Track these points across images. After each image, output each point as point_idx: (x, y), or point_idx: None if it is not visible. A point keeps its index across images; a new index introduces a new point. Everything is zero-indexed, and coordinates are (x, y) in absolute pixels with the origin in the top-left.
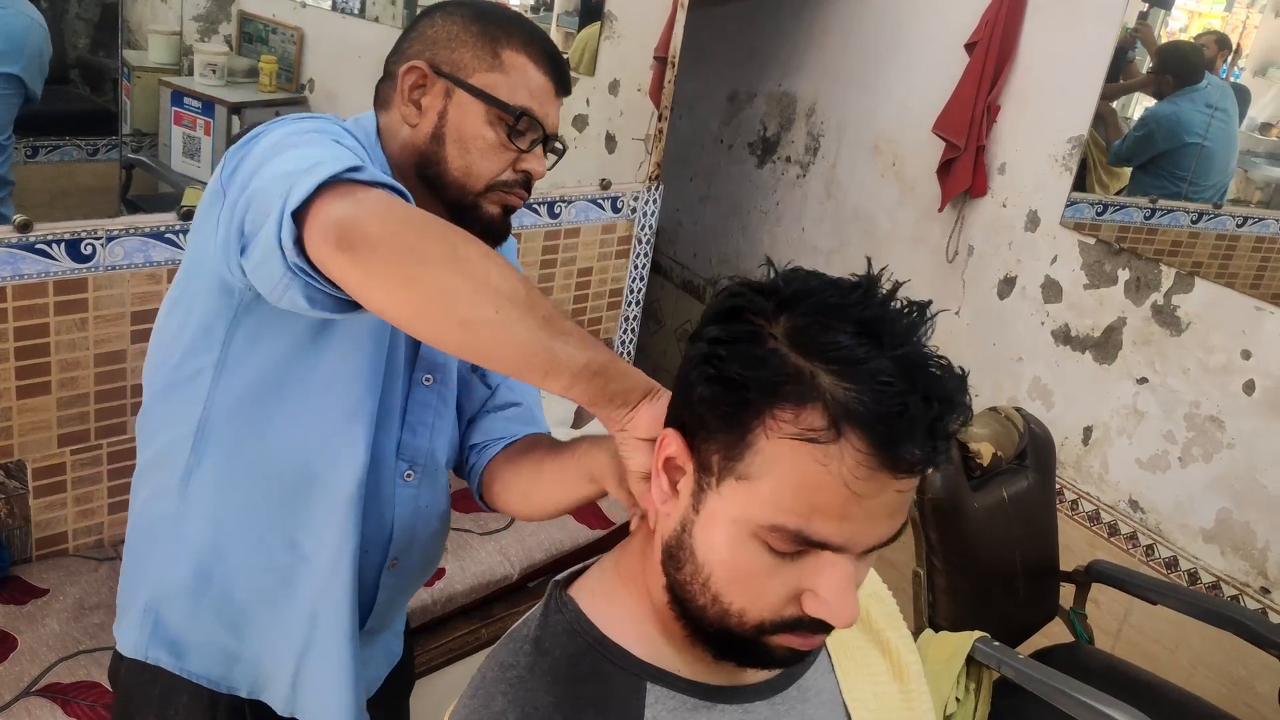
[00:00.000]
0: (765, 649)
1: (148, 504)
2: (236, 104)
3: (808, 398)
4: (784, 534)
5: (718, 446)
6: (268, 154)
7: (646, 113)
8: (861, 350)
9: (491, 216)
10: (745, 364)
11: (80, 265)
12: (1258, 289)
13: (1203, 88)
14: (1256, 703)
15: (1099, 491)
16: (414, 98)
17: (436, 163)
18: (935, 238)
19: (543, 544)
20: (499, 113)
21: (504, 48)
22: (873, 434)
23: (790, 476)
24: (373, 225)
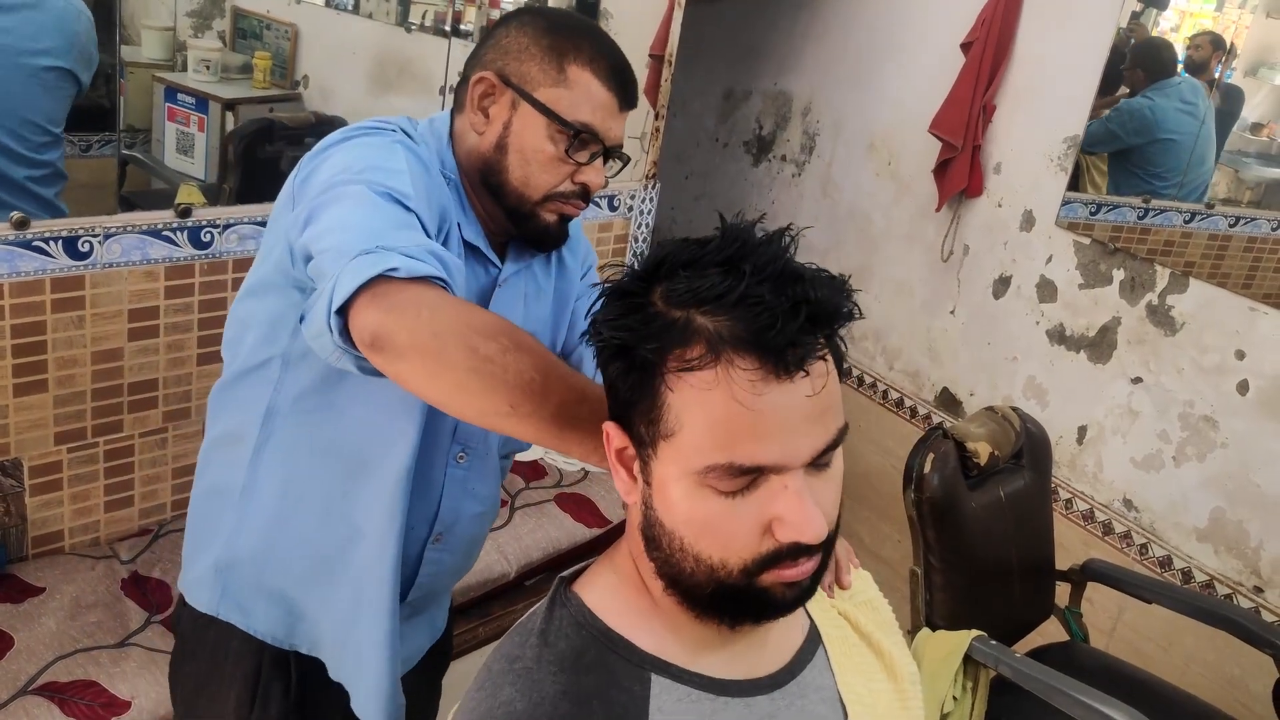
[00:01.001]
0: (764, 593)
1: (219, 473)
2: (230, 100)
3: (690, 339)
4: (720, 471)
5: (640, 417)
6: (334, 183)
7: (642, 111)
8: (725, 284)
9: (548, 224)
10: (632, 332)
11: (78, 263)
12: (1249, 289)
13: (1176, 84)
14: (1250, 701)
15: (1093, 490)
16: (483, 106)
17: (499, 171)
18: (930, 237)
19: (540, 543)
20: (559, 128)
21: (570, 62)
22: (749, 347)
23: (700, 416)
24: (401, 335)
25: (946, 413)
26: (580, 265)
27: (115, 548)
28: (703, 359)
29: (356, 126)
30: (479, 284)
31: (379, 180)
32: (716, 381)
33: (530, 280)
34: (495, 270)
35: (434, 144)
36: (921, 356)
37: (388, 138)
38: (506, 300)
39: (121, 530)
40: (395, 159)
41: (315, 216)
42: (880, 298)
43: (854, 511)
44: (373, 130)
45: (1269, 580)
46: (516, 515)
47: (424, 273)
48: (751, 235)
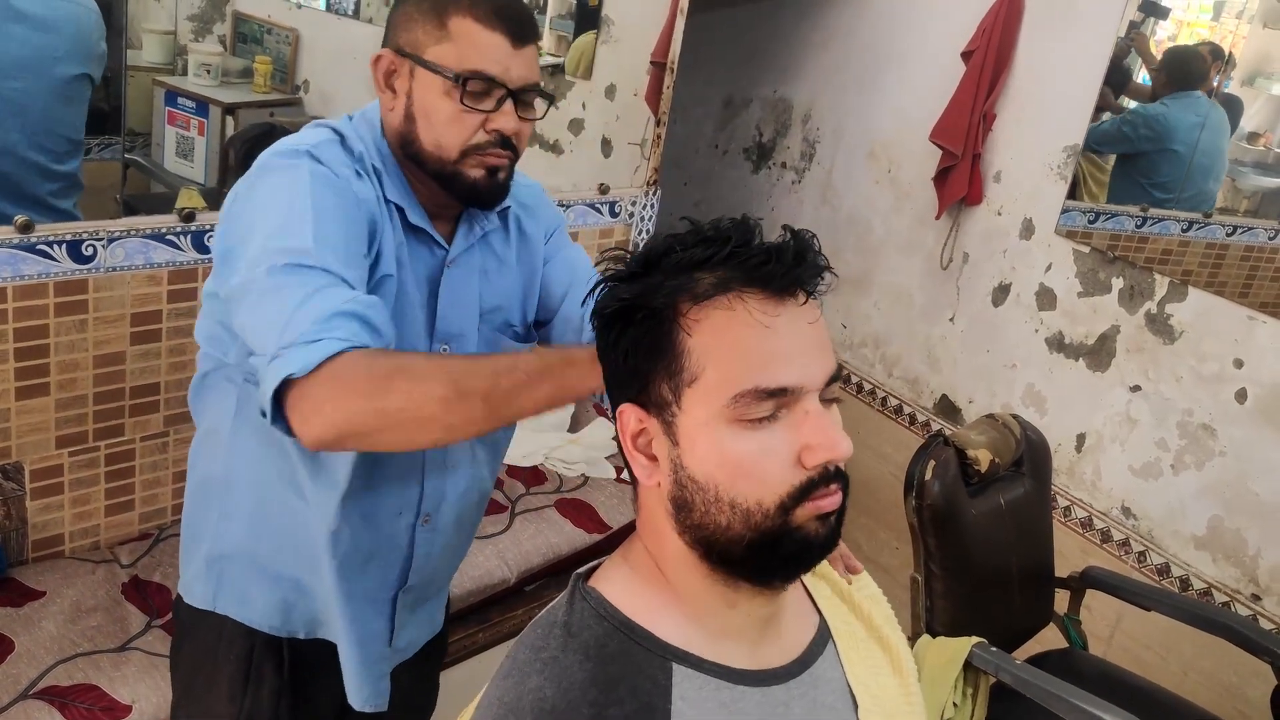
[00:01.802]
0: (799, 532)
1: (204, 467)
2: (231, 104)
3: (697, 287)
4: (749, 397)
5: (660, 377)
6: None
7: (643, 117)
8: (712, 249)
9: (475, 180)
10: (640, 296)
11: (81, 266)
12: (1246, 297)
13: (1196, 97)
14: (1248, 708)
15: (1092, 498)
16: (390, 84)
17: (413, 140)
18: (930, 244)
19: (540, 548)
20: (450, 82)
21: (450, 15)
22: (752, 281)
23: (723, 348)
24: (319, 431)
25: (945, 420)
26: (544, 232)
27: (116, 552)
28: (715, 289)
29: (282, 148)
30: (428, 266)
31: (281, 249)
32: (731, 308)
33: (488, 255)
34: (443, 251)
35: (369, 135)
36: (921, 364)
37: (299, 169)
38: (457, 280)
39: (122, 534)
40: (300, 200)
41: (237, 309)
42: (880, 305)
43: (853, 519)
44: (289, 160)
45: (1267, 588)
46: (516, 521)
47: (320, 357)
48: (723, 221)
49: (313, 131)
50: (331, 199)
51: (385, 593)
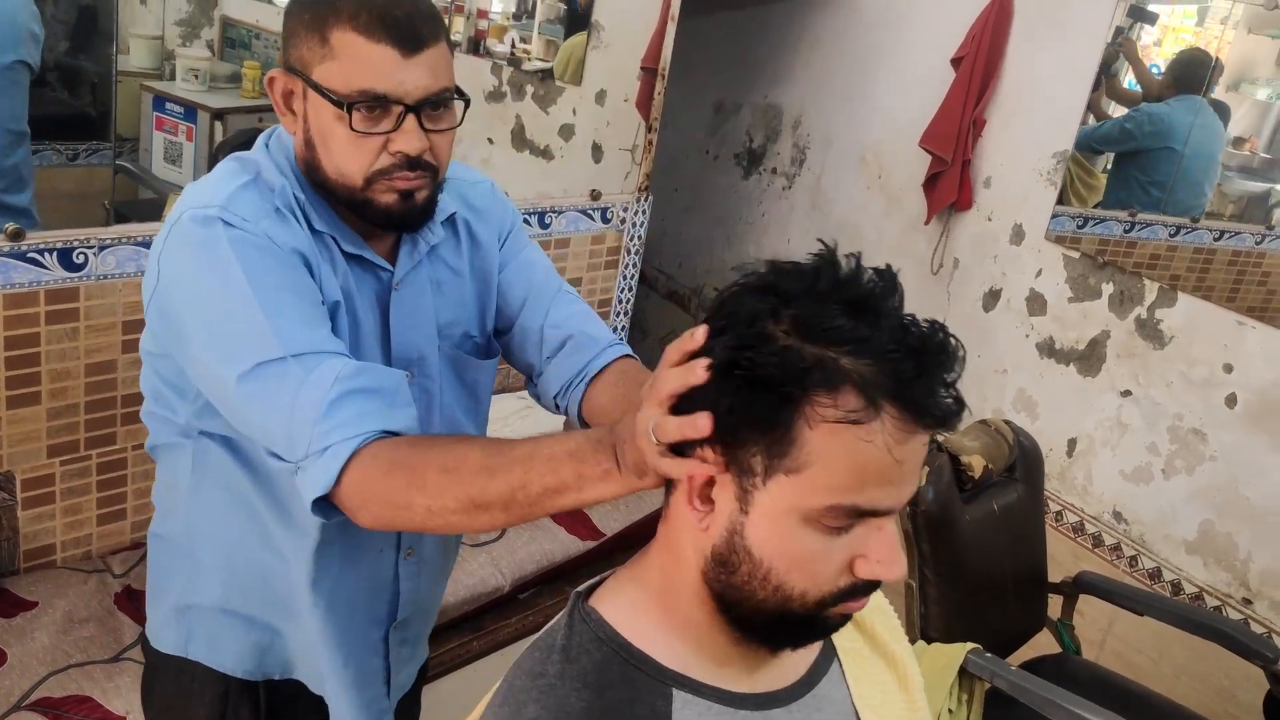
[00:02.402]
0: (823, 621)
1: (165, 521)
2: (219, 110)
3: (837, 381)
4: (840, 511)
5: (758, 449)
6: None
7: (633, 123)
8: (864, 329)
9: (388, 205)
10: (771, 364)
11: (72, 274)
12: (1234, 302)
13: (1197, 101)
14: (1239, 712)
15: (1083, 503)
16: (289, 106)
17: (316, 168)
18: (921, 250)
19: (534, 555)
20: (337, 107)
21: (331, 29)
22: (903, 400)
23: (841, 459)
24: (369, 518)
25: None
26: (497, 235)
27: (108, 561)
28: (855, 405)
29: (194, 211)
30: (375, 291)
31: (239, 350)
32: (866, 423)
33: (438, 267)
34: (388, 273)
35: (285, 161)
36: None
37: (216, 244)
38: (407, 300)
39: (114, 544)
40: (233, 283)
41: (226, 413)
42: None
43: None
44: (203, 231)
45: (1258, 592)
46: (510, 529)
47: (335, 470)
48: (861, 273)
49: (223, 177)
50: (262, 264)
51: (377, 631)
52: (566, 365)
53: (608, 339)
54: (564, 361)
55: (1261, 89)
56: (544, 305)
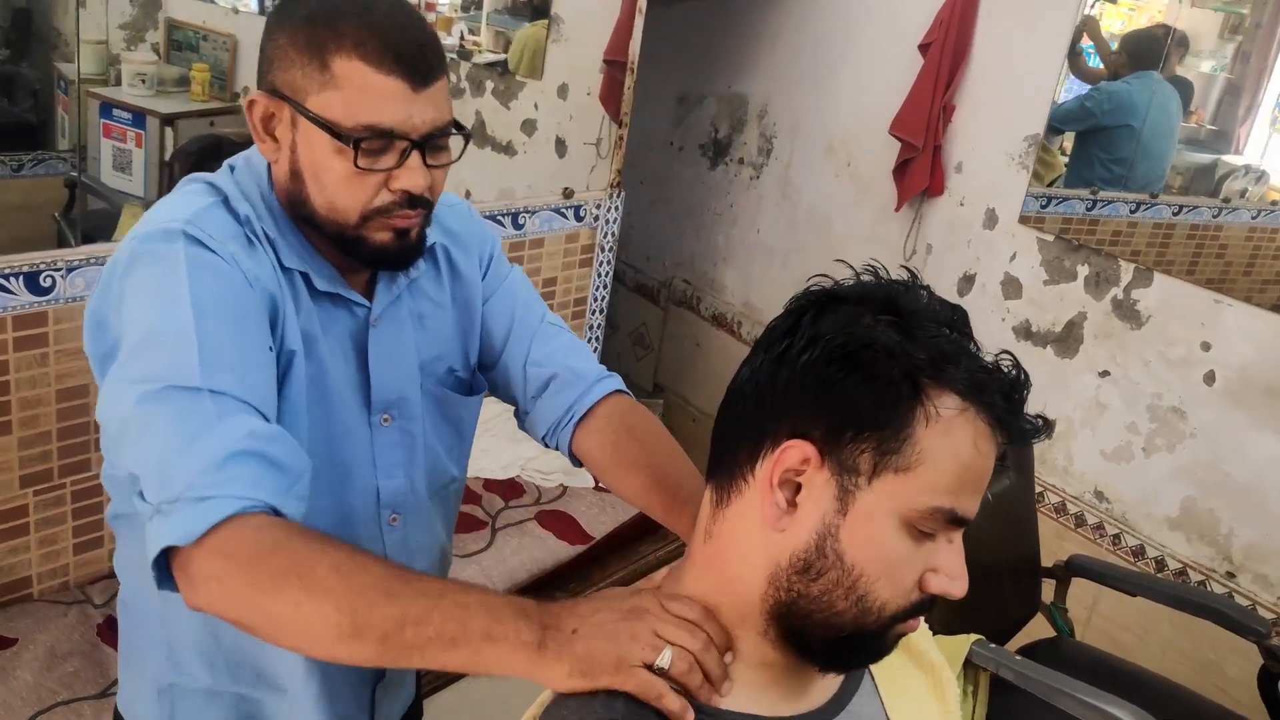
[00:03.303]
0: (885, 643)
1: (134, 596)
2: (169, 115)
3: (947, 384)
4: (940, 515)
5: (868, 446)
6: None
7: (597, 117)
8: (957, 343)
9: (383, 244)
10: (891, 357)
11: (39, 298)
12: (1192, 274)
13: (1154, 77)
14: (1228, 685)
15: (1064, 483)
16: (269, 130)
17: (302, 201)
18: (893, 237)
19: (525, 563)
20: (339, 140)
21: (333, 56)
22: (997, 411)
23: (949, 459)
24: (208, 597)
25: None
26: (478, 262)
27: (87, 591)
28: (970, 393)
29: (153, 227)
30: (349, 329)
31: (154, 369)
32: (973, 431)
33: (419, 299)
34: (364, 309)
35: (254, 189)
36: None
37: (172, 257)
38: (386, 338)
39: (91, 573)
40: (176, 301)
41: (117, 450)
42: None
43: None
44: (161, 246)
45: (1241, 565)
46: (498, 537)
47: (206, 525)
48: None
49: (189, 195)
50: (215, 289)
51: (366, 690)
52: (552, 405)
53: (595, 374)
54: (549, 401)
55: (1205, 61)
56: (525, 342)
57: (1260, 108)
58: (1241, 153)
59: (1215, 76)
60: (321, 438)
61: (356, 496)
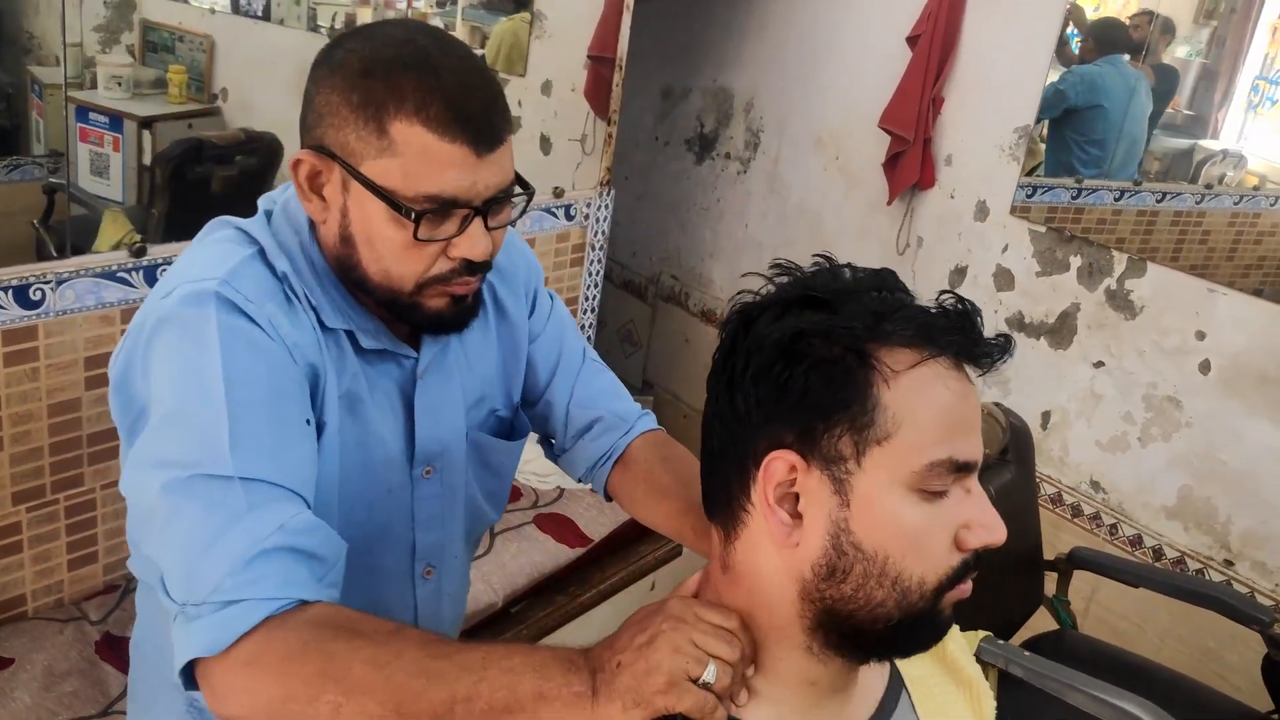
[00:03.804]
0: (940, 617)
1: (148, 642)
2: (147, 118)
3: (892, 341)
4: (940, 468)
5: (842, 429)
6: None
7: (581, 113)
8: (896, 300)
9: (439, 310)
10: (829, 336)
11: (29, 312)
12: (1176, 261)
13: (1123, 60)
14: (1227, 672)
15: (1059, 474)
16: (316, 189)
17: (353, 266)
18: (883, 230)
19: (524, 568)
20: (397, 211)
21: (392, 118)
22: (957, 345)
23: (925, 411)
24: (238, 709)
25: None
26: (525, 299)
27: (83, 608)
28: (917, 340)
29: (184, 287)
30: (397, 381)
31: (182, 453)
32: (934, 377)
33: (467, 343)
34: (411, 360)
35: (293, 239)
36: None
37: (204, 324)
38: (432, 390)
39: (86, 589)
40: (206, 376)
41: (143, 536)
42: None
43: None
44: (191, 310)
45: (1239, 553)
46: (497, 541)
47: (234, 635)
48: (860, 271)
49: (222, 245)
50: (250, 364)
51: None
52: (594, 447)
53: (635, 414)
54: (592, 444)
55: (1181, 46)
56: (570, 381)
57: (1236, 92)
58: (1218, 137)
59: (1191, 61)
60: (362, 503)
61: (389, 553)
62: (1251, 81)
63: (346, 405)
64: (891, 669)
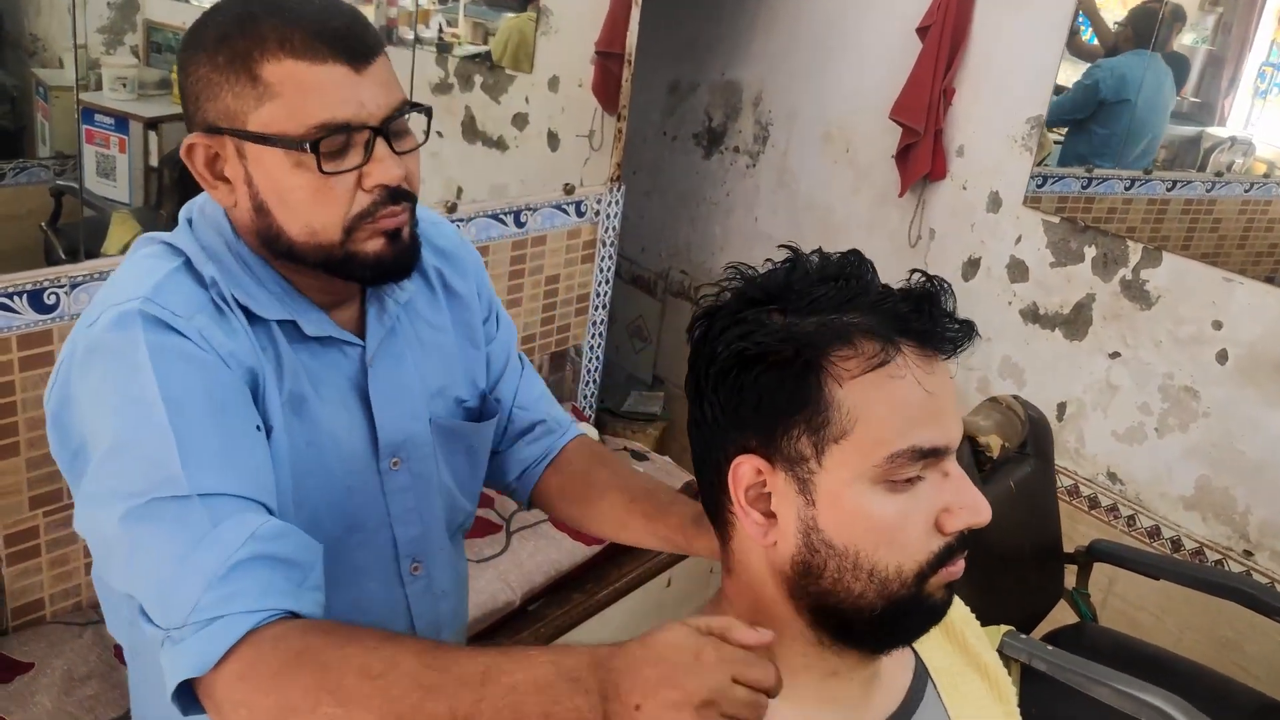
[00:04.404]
0: (928, 601)
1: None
2: (153, 119)
3: (847, 335)
4: (904, 457)
5: (800, 429)
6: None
7: (589, 109)
8: (850, 290)
9: (377, 254)
10: (778, 339)
11: (44, 316)
12: (1188, 249)
13: (1148, 53)
14: (1247, 663)
15: (1076, 466)
16: (217, 173)
17: (276, 235)
18: (894, 223)
19: (541, 566)
20: (295, 151)
21: (260, 65)
22: (914, 332)
23: (881, 405)
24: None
25: None
26: (475, 288)
27: (100, 611)
28: (874, 349)
29: (106, 312)
30: (346, 373)
31: (132, 483)
32: (889, 369)
33: (419, 326)
34: (357, 348)
35: (217, 241)
36: None
37: (131, 348)
38: (384, 377)
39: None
40: (143, 399)
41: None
42: None
43: None
44: (116, 335)
45: (1258, 543)
46: (514, 540)
47: (221, 650)
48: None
49: (147, 261)
50: (185, 379)
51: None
52: (531, 450)
53: (569, 420)
54: (529, 446)
55: (1187, 34)
56: (514, 384)
57: (1242, 79)
58: (1225, 124)
59: (1197, 49)
60: (324, 503)
61: (371, 552)
62: (1258, 68)
63: (291, 407)
64: (916, 660)
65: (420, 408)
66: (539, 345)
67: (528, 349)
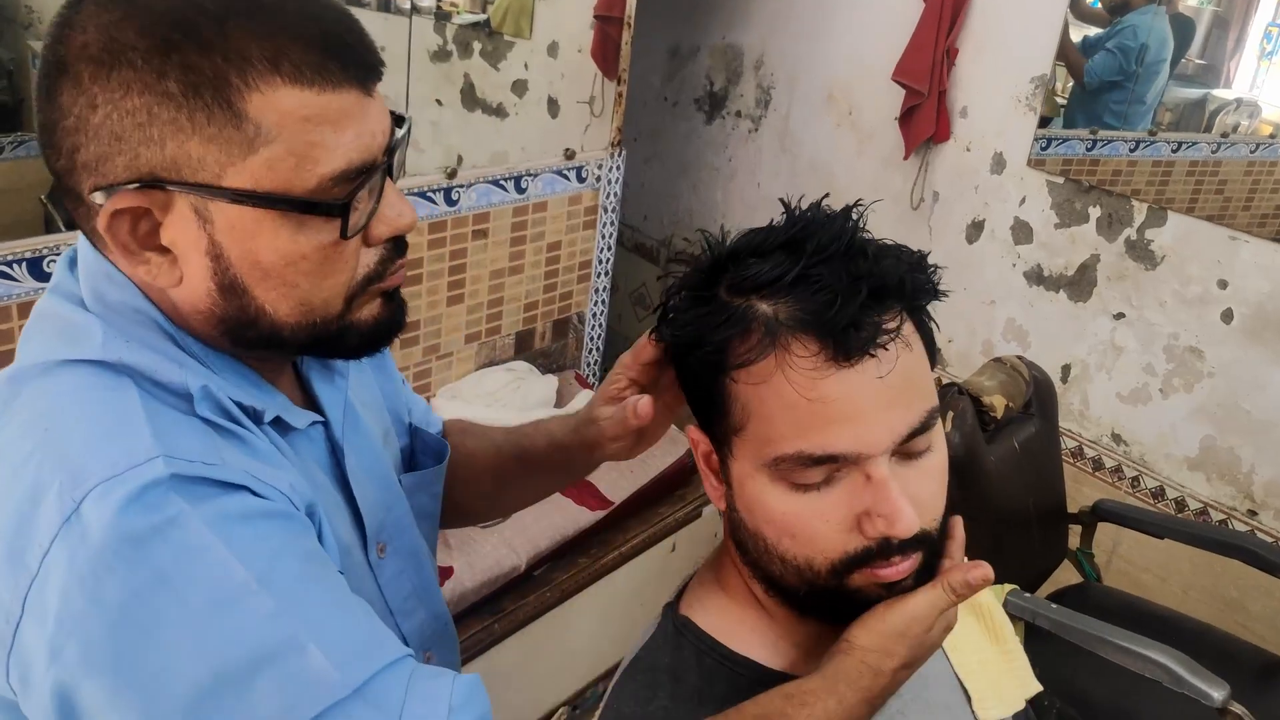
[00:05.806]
0: (856, 593)
1: None
2: None
3: (748, 327)
4: (791, 462)
5: (717, 416)
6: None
7: (589, 74)
8: (783, 266)
9: (375, 320)
10: (693, 328)
11: (44, 284)
12: (1192, 211)
13: (1154, 10)
14: (1251, 622)
15: (1080, 428)
16: (148, 243)
17: (253, 320)
18: (897, 186)
19: (546, 531)
20: (302, 212)
21: (244, 94)
22: (807, 329)
23: (769, 406)
24: None
25: None
26: None
27: None
28: (758, 348)
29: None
30: (317, 456)
31: (285, 702)
32: (774, 371)
33: (360, 388)
34: (319, 425)
35: (154, 332)
36: None
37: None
38: (357, 452)
39: None
40: (239, 591)
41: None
42: None
43: None
44: (149, 525)
45: (1263, 503)
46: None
47: None
48: (817, 214)
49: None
50: (268, 544)
51: None
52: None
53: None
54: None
55: None
56: (408, 394)
57: (1248, 40)
58: (1231, 86)
59: (1202, 10)
60: None
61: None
62: (1263, 29)
63: (317, 522)
64: None
65: (389, 473)
66: (541, 312)
67: (530, 316)
